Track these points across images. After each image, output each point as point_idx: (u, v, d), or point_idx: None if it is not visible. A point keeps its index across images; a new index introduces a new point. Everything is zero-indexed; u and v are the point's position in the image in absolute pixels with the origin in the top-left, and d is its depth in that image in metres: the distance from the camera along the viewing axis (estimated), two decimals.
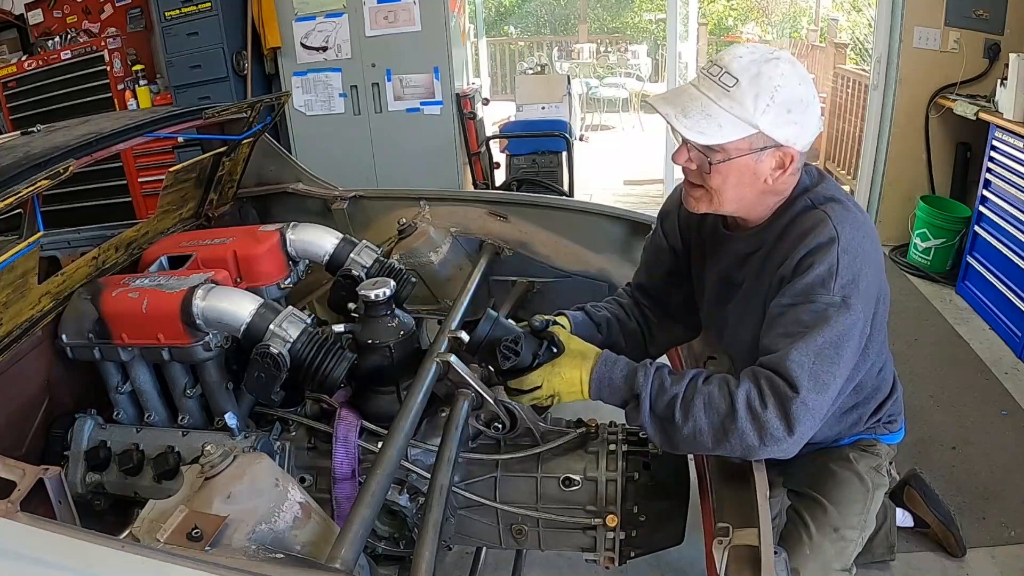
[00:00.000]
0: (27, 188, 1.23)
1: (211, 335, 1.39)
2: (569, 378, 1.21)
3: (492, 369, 1.28)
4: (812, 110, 1.12)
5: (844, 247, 1.09)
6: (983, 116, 3.24)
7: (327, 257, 1.74)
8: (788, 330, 1.09)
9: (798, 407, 1.05)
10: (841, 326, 1.07)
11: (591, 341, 1.35)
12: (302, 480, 1.43)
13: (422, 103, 3.98)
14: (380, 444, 1.24)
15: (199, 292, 1.36)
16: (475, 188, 4.09)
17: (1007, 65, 3.11)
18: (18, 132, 1.71)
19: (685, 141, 1.14)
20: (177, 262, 1.70)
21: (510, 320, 1.30)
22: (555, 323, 1.31)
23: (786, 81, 1.08)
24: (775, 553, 0.96)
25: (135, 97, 4.21)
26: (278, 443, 1.43)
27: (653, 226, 1.51)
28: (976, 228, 3.30)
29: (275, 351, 1.28)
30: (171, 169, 1.88)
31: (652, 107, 1.16)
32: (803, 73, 1.12)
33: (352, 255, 1.72)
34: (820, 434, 1.39)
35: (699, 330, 1.56)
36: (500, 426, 1.34)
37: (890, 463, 1.45)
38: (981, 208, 3.25)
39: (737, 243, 1.28)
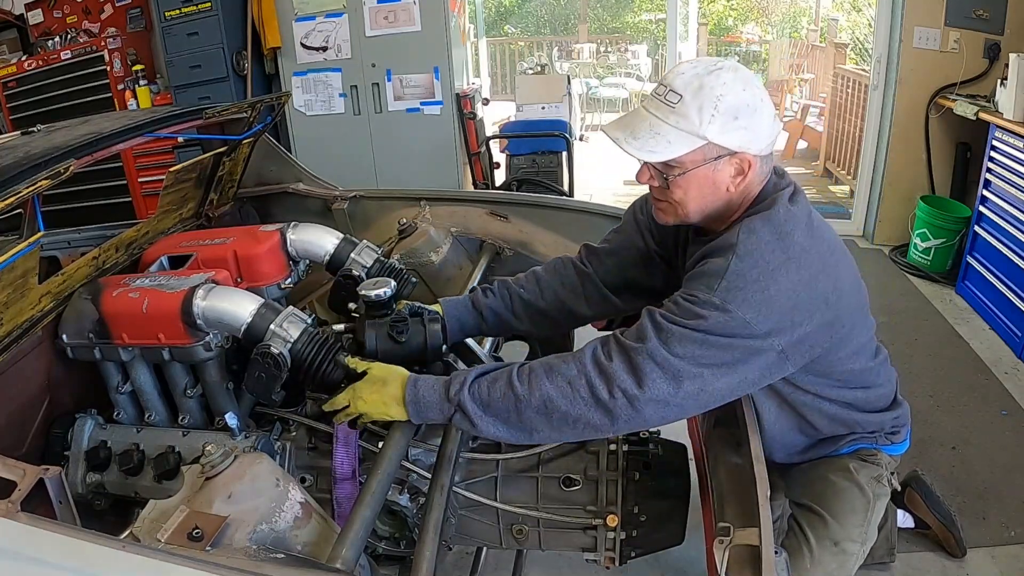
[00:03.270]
0: (27, 188, 1.23)
1: (211, 335, 1.39)
2: (372, 402, 1.20)
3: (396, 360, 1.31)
4: (761, 113, 1.12)
5: (741, 255, 1.08)
6: (983, 116, 3.24)
7: (327, 257, 1.74)
8: (665, 305, 1.10)
9: (643, 358, 1.04)
10: (713, 323, 1.04)
11: (467, 326, 1.41)
12: (303, 480, 1.43)
13: (422, 103, 3.98)
14: (380, 444, 1.24)
15: (199, 292, 1.36)
16: (475, 188, 4.09)
17: (1007, 65, 3.12)
18: (18, 132, 1.71)
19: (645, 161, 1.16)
20: (177, 262, 1.70)
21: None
22: (429, 312, 1.37)
23: (728, 89, 1.09)
24: (776, 553, 0.96)
25: (135, 97, 4.21)
26: (278, 443, 1.43)
27: (639, 198, 1.47)
28: (976, 228, 3.30)
29: (276, 351, 1.28)
30: (171, 169, 1.88)
31: (606, 134, 1.17)
32: (747, 79, 1.12)
33: (352, 255, 1.72)
34: (812, 435, 1.39)
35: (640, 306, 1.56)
36: None
37: (892, 473, 1.44)
38: (981, 208, 3.25)
39: (697, 246, 1.27)
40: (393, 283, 1.38)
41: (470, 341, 1.36)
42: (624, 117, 1.20)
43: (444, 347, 1.36)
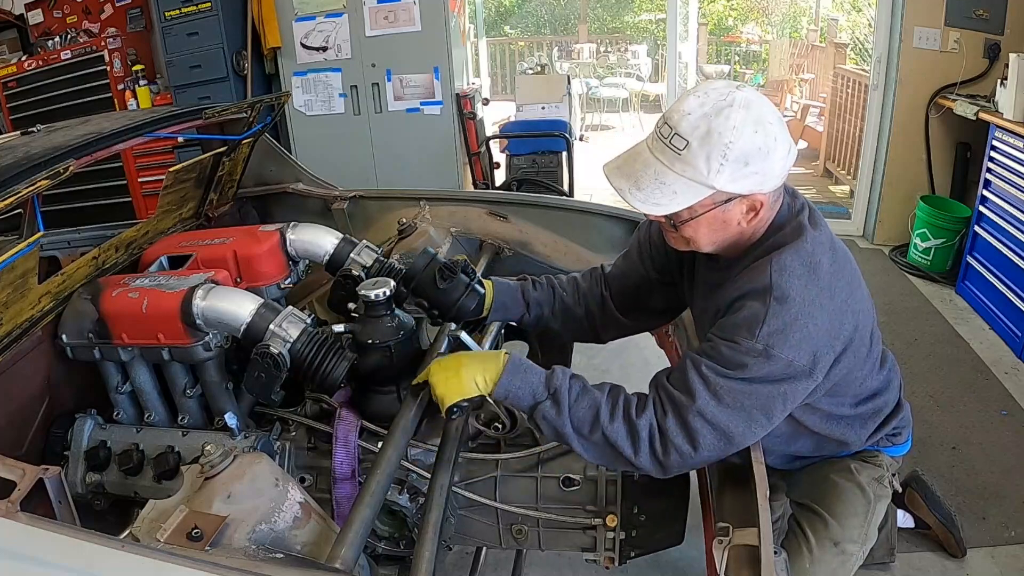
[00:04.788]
0: (27, 188, 1.23)
1: (211, 335, 1.39)
2: (445, 364, 1.17)
3: (424, 305, 1.39)
4: (774, 154, 1.05)
5: (778, 297, 1.05)
6: (983, 116, 3.24)
7: (327, 257, 1.74)
8: (707, 353, 1.08)
9: (694, 417, 1.04)
10: (758, 371, 1.04)
11: (510, 312, 1.44)
12: (302, 480, 1.43)
13: (422, 103, 3.98)
14: (380, 444, 1.24)
15: (199, 292, 1.36)
16: (475, 188, 4.08)
17: (1007, 65, 3.11)
18: (18, 132, 1.71)
19: None
20: (177, 262, 1.70)
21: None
22: (478, 281, 1.40)
23: (739, 135, 1.02)
24: (775, 553, 0.96)
25: (135, 97, 4.21)
26: (278, 443, 1.43)
27: (645, 223, 1.47)
28: (976, 228, 3.30)
29: (275, 351, 1.28)
30: (171, 169, 1.88)
31: (608, 180, 1.12)
32: (760, 116, 1.03)
33: (352, 255, 1.72)
34: (812, 449, 1.39)
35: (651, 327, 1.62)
36: (500, 426, 1.35)
37: (892, 474, 1.44)
38: (981, 208, 3.25)
39: (710, 273, 1.28)
40: (392, 283, 1.38)
41: (468, 340, 1.36)
42: (627, 158, 1.13)
43: (472, 316, 1.40)
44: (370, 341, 1.37)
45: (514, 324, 1.56)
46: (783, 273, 1.07)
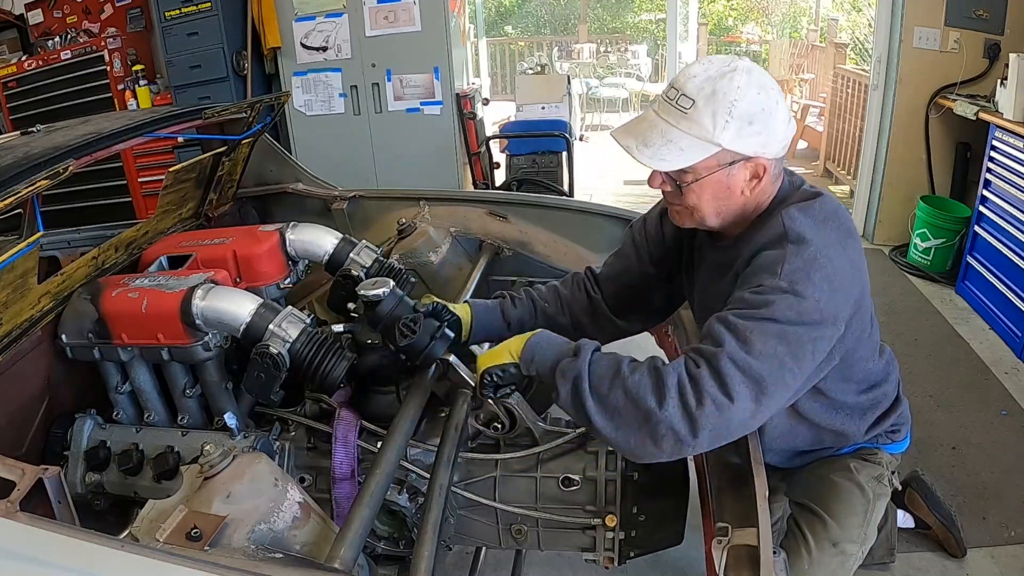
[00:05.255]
0: (27, 188, 1.23)
1: (211, 335, 1.39)
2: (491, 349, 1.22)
3: (389, 345, 1.34)
4: (776, 116, 1.10)
5: (793, 239, 1.07)
6: (983, 116, 3.24)
7: (327, 257, 1.74)
8: (731, 307, 1.06)
9: (725, 363, 0.98)
10: (787, 309, 1.01)
11: (492, 332, 1.43)
12: (302, 480, 1.43)
13: (422, 103, 3.98)
14: (380, 444, 1.24)
15: (199, 292, 1.36)
16: (475, 188, 4.09)
17: (1007, 65, 3.11)
18: (18, 132, 1.71)
19: None
20: (177, 262, 1.70)
21: (409, 300, 1.37)
22: (442, 308, 1.37)
23: (743, 94, 1.06)
24: (774, 553, 0.96)
25: (135, 97, 4.21)
26: (278, 443, 1.43)
27: (638, 220, 1.47)
28: (976, 228, 3.30)
29: (275, 351, 1.28)
30: (171, 169, 1.88)
31: (616, 141, 1.15)
32: (762, 81, 1.09)
33: (352, 255, 1.72)
34: (812, 443, 1.39)
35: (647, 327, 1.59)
36: (499, 426, 1.34)
37: (892, 473, 1.44)
38: (981, 208, 3.25)
39: (716, 253, 1.28)
40: (392, 283, 1.38)
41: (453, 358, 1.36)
42: (634, 122, 1.17)
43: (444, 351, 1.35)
44: (370, 341, 1.37)
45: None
46: (795, 220, 1.09)
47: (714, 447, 1.02)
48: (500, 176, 4.39)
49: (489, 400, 1.30)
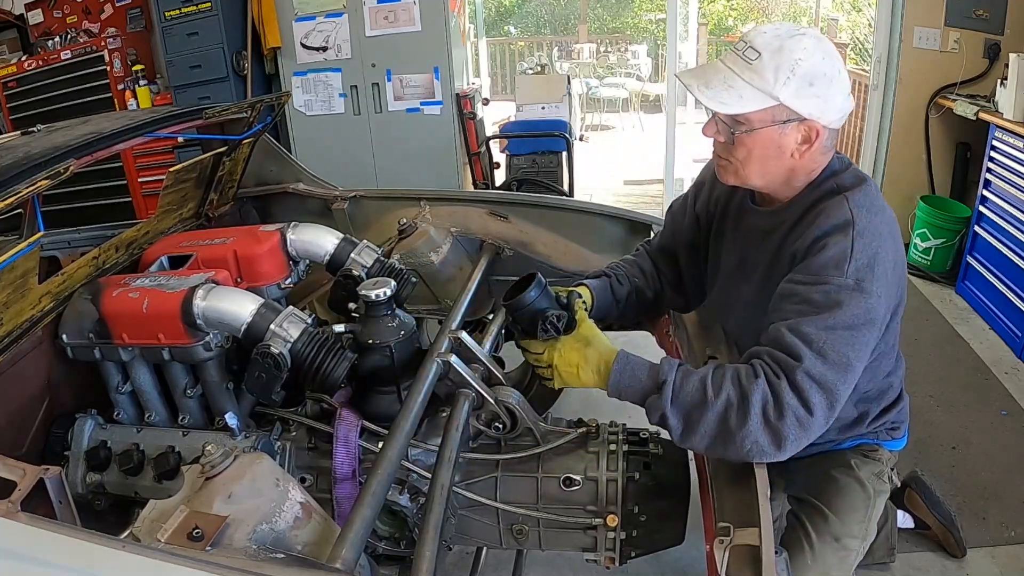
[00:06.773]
0: (27, 188, 1.23)
1: (212, 335, 1.39)
2: (567, 358, 1.24)
3: (515, 330, 1.35)
4: (837, 86, 1.12)
5: (860, 231, 1.09)
6: (983, 116, 3.24)
7: (327, 257, 1.74)
8: (798, 308, 1.09)
9: (803, 377, 1.04)
10: (856, 308, 1.06)
11: (607, 315, 1.45)
12: (303, 480, 1.42)
13: (422, 103, 3.98)
14: (380, 444, 1.24)
15: (199, 292, 1.36)
16: (475, 188, 4.09)
17: (1007, 65, 3.12)
18: (18, 132, 1.71)
19: (714, 114, 1.17)
20: (177, 262, 1.70)
21: (553, 291, 1.34)
22: (579, 296, 1.37)
23: (809, 55, 1.09)
24: (776, 553, 0.96)
25: (135, 97, 4.21)
26: (278, 443, 1.43)
27: (685, 192, 1.55)
28: (976, 228, 3.30)
29: (276, 351, 1.28)
30: (171, 169, 1.88)
31: (680, 80, 1.19)
32: (829, 49, 1.12)
33: (352, 255, 1.72)
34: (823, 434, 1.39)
35: (690, 307, 1.62)
36: (500, 426, 1.34)
37: (892, 469, 1.45)
38: (981, 208, 3.25)
39: (760, 217, 1.29)
40: (393, 283, 1.38)
41: (468, 340, 1.36)
42: (701, 67, 1.21)
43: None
44: (371, 341, 1.37)
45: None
46: (861, 209, 1.11)
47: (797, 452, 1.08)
48: (500, 176, 4.39)
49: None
